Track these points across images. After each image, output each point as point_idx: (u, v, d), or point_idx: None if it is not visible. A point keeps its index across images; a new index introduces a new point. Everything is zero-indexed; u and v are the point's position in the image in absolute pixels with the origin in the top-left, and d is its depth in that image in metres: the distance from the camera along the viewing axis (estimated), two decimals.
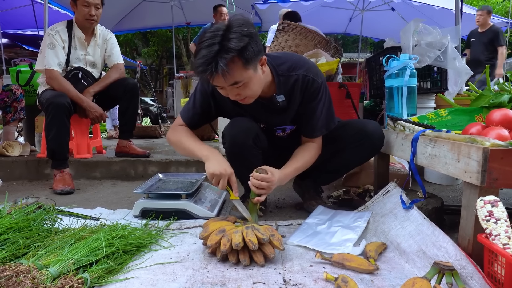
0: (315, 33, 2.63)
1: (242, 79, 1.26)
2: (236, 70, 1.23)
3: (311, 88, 1.47)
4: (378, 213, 1.50)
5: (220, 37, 1.21)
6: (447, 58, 2.06)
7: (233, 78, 1.24)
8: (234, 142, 1.50)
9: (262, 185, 1.35)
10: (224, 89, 1.32)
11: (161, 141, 4.14)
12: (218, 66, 1.19)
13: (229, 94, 1.33)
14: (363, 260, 1.14)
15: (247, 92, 1.32)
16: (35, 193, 2.14)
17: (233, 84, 1.27)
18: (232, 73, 1.23)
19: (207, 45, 1.21)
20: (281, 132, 1.63)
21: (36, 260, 1.04)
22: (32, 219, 1.30)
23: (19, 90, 2.93)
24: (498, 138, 1.06)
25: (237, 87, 1.29)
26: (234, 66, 1.22)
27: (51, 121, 2.18)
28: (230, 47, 1.19)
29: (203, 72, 1.23)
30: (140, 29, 9.62)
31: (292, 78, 1.46)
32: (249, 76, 1.28)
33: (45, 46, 2.39)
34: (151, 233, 1.39)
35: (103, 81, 2.51)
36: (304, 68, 1.47)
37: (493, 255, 0.92)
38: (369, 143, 1.59)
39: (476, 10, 5.70)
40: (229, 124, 1.53)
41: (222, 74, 1.21)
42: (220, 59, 1.19)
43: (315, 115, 1.51)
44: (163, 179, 1.95)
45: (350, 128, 1.61)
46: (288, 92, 1.47)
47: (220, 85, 1.30)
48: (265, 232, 1.17)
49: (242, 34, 1.22)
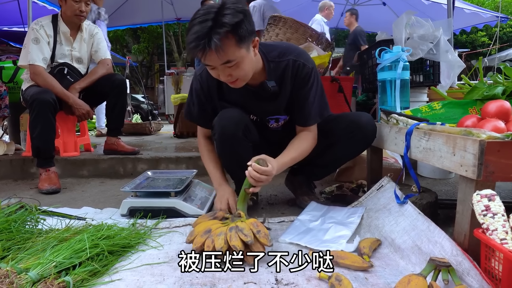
0: (306, 27, 2.59)
1: (234, 57, 1.23)
2: (230, 47, 1.20)
3: (301, 73, 1.45)
4: (371, 209, 1.47)
5: (214, 13, 1.18)
6: (440, 51, 2.03)
7: (226, 55, 1.21)
8: (224, 134, 1.45)
9: (261, 178, 1.30)
10: (215, 69, 1.28)
11: (151, 138, 4.08)
12: (212, 41, 1.16)
13: (221, 74, 1.29)
14: (357, 257, 1.11)
15: (239, 73, 1.28)
16: (20, 193, 2.07)
17: (226, 62, 1.23)
18: (225, 50, 1.19)
19: (200, 21, 1.18)
20: (275, 123, 1.58)
21: (15, 264, 0.99)
22: (13, 220, 1.25)
23: (3, 87, 2.84)
24: (494, 130, 1.04)
25: (229, 67, 1.25)
26: (228, 43, 1.19)
27: (35, 118, 2.11)
28: (224, 21, 1.17)
29: (195, 48, 1.19)
30: (130, 25, 9.47)
31: (283, 63, 1.44)
32: (241, 55, 1.25)
33: (29, 40, 2.31)
34: (138, 232, 1.34)
35: (89, 77, 2.45)
36: (294, 54, 1.46)
37: (490, 250, 0.90)
38: (361, 135, 1.56)
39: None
40: (218, 116, 1.48)
41: (215, 50, 1.17)
42: (213, 34, 1.16)
43: (308, 101, 1.48)
44: (152, 176, 1.90)
45: (342, 121, 1.58)
46: (279, 78, 1.45)
47: (212, 64, 1.25)
48: (249, 233, 1.11)
49: (237, 10, 1.20)
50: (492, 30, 12.83)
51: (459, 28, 7.77)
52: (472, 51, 13.24)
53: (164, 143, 3.50)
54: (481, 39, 14.78)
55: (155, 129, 4.71)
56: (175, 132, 3.94)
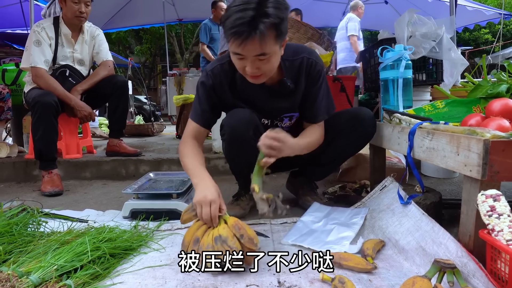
0: (307, 26, 2.58)
1: (269, 51, 1.23)
2: (270, 40, 1.20)
3: (314, 71, 1.48)
4: (375, 209, 1.46)
5: (256, 3, 1.18)
6: (442, 49, 2.01)
7: (266, 46, 1.20)
8: (234, 133, 1.45)
9: (274, 145, 1.24)
10: (245, 59, 1.26)
11: (153, 139, 4.08)
12: (258, 29, 1.16)
13: (249, 66, 1.26)
14: (361, 259, 1.10)
15: (267, 68, 1.28)
16: (23, 196, 2.08)
17: (261, 54, 1.23)
18: (266, 41, 1.19)
19: (243, 9, 1.17)
20: (288, 120, 1.59)
21: (16, 267, 0.99)
22: (15, 223, 1.25)
23: (5, 90, 2.85)
24: (499, 129, 1.02)
25: (261, 60, 1.25)
26: (270, 35, 1.19)
27: (37, 121, 2.11)
28: (269, 13, 1.17)
29: (238, 33, 1.17)
30: (132, 26, 9.48)
31: (297, 61, 1.47)
32: (275, 51, 1.26)
33: (30, 43, 2.31)
34: (140, 235, 1.33)
35: (91, 79, 2.45)
36: (306, 52, 1.49)
37: (496, 251, 0.88)
38: (362, 128, 1.58)
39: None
40: (228, 115, 1.48)
41: (259, 38, 1.17)
42: (260, 22, 1.16)
43: (318, 98, 1.51)
44: (154, 178, 1.90)
45: (343, 116, 1.61)
46: (294, 76, 1.48)
47: (246, 54, 1.23)
48: (233, 242, 1.05)
49: (280, 6, 1.21)
50: (495, 27, 12.74)
51: (462, 25, 7.72)
52: (475, 48, 13.16)
53: (166, 144, 3.50)
54: (484, 37, 14.69)
55: (158, 130, 4.71)
56: (178, 133, 3.94)
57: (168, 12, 7.36)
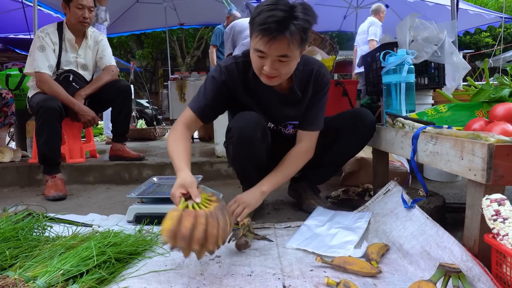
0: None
1: (292, 54, 1.27)
2: (295, 43, 1.24)
3: (321, 82, 1.52)
4: (378, 213, 1.46)
5: (285, 5, 1.22)
6: (444, 53, 2.02)
7: (291, 48, 1.24)
8: (243, 135, 1.45)
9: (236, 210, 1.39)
10: (264, 58, 1.28)
11: (156, 143, 4.09)
12: (288, 29, 1.19)
13: (268, 66, 1.28)
14: (365, 263, 1.10)
15: (285, 69, 1.31)
16: (27, 200, 2.08)
17: (284, 56, 1.26)
18: (293, 43, 1.23)
19: (275, 8, 1.21)
20: (292, 128, 1.61)
21: (23, 272, 0.99)
22: (20, 228, 1.25)
23: (9, 95, 2.86)
24: (503, 134, 1.02)
25: (281, 61, 1.28)
26: (296, 38, 1.23)
27: (41, 126, 2.12)
28: (300, 17, 1.22)
29: (269, 30, 1.20)
30: (134, 31, 9.53)
31: (307, 71, 1.50)
32: (296, 55, 1.29)
33: (34, 48, 2.33)
34: (145, 239, 1.34)
35: (94, 84, 2.46)
36: (317, 64, 1.53)
37: (502, 256, 0.88)
38: (362, 126, 1.62)
39: None
40: (235, 118, 1.49)
41: (288, 39, 1.20)
42: (290, 24, 1.20)
43: (318, 106, 1.54)
44: (158, 182, 1.90)
45: (343, 116, 1.66)
46: (303, 85, 1.51)
47: (271, 52, 1.25)
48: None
49: (309, 14, 1.26)
50: (496, 31, 12.76)
51: (463, 29, 7.74)
52: (476, 52, 13.17)
53: None
54: (485, 40, 14.70)
55: (160, 134, 4.72)
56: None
57: (170, 16, 7.41)
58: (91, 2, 2.40)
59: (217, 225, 1.02)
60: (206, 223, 1.01)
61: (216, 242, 1.03)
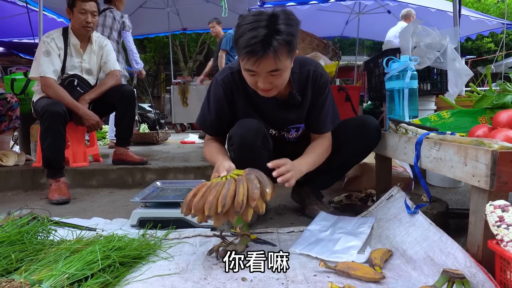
0: (312, 37, 2.61)
1: (282, 66, 1.27)
2: (283, 55, 1.24)
3: (320, 82, 1.52)
4: (382, 219, 1.47)
5: (266, 21, 1.21)
6: (447, 59, 2.03)
7: (279, 62, 1.25)
8: (244, 142, 1.46)
9: (286, 174, 1.34)
10: (256, 76, 1.30)
11: (159, 147, 4.11)
12: (272, 46, 1.19)
13: (261, 82, 1.30)
14: (369, 268, 1.10)
15: (279, 81, 1.32)
16: (31, 204, 2.09)
17: (274, 70, 1.26)
18: (280, 57, 1.23)
19: (256, 27, 1.21)
20: (295, 132, 1.62)
21: (28, 275, 1.00)
22: (25, 232, 1.26)
23: (14, 99, 2.89)
24: (507, 140, 1.03)
25: (273, 75, 1.29)
26: (283, 51, 1.23)
27: (46, 130, 2.14)
28: (281, 30, 1.21)
29: (253, 52, 1.20)
30: (137, 36, 9.58)
31: (304, 74, 1.51)
32: (286, 66, 1.30)
33: (40, 53, 2.36)
34: (149, 243, 1.34)
35: (99, 88, 2.48)
36: (313, 65, 1.53)
37: (506, 262, 0.88)
38: (367, 136, 1.62)
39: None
40: (236, 126, 1.50)
41: (273, 56, 1.21)
42: (273, 40, 1.20)
43: (324, 109, 1.54)
44: (161, 187, 1.91)
45: (348, 124, 1.65)
46: (302, 88, 1.51)
47: (260, 70, 1.27)
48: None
49: (290, 22, 1.24)
50: (497, 37, 12.78)
51: (465, 35, 7.76)
52: (478, 57, 13.19)
53: (171, 152, 3.52)
54: (487, 46, 14.72)
55: (162, 138, 4.74)
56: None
57: (173, 21, 7.46)
58: (94, 6, 2.42)
59: (204, 195, 1.19)
60: (206, 190, 1.20)
61: (224, 205, 1.14)
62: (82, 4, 2.36)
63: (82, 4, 2.36)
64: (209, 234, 1.47)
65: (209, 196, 1.18)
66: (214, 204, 1.15)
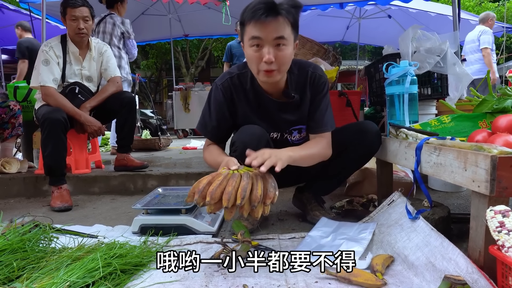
0: (313, 42, 2.62)
1: (287, 36, 1.34)
2: (287, 24, 1.33)
3: (318, 82, 1.55)
4: (383, 224, 1.46)
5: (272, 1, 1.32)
6: (447, 64, 2.03)
7: (285, 29, 1.33)
8: (247, 148, 1.46)
9: (266, 157, 1.27)
10: (262, 46, 1.34)
11: (160, 154, 4.11)
12: (278, 11, 1.30)
13: (266, 52, 1.34)
14: (370, 274, 1.10)
15: (282, 59, 1.36)
16: (33, 211, 2.10)
17: (279, 38, 1.32)
18: (285, 24, 1.32)
19: (261, 1, 1.31)
20: (298, 134, 1.63)
21: (30, 283, 1.00)
22: (27, 239, 1.26)
23: (17, 106, 2.91)
24: (506, 145, 1.03)
25: (278, 46, 1.34)
26: (287, 20, 1.33)
27: (47, 137, 2.15)
28: (286, 5, 1.33)
29: (261, 11, 1.29)
30: (139, 42, 9.64)
31: (302, 75, 1.54)
32: (290, 42, 1.37)
33: (39, 62, 2.36)
34: (150, 250, 1.34)
35: (99, 96, 2.49)
36: (311, 67, 1.56)
37: (507, 268, 0.88)
38: (367, 141, 1.62)
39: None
40: (239, 132, 1.51)
41: (280, 20, 1.30)
42: (280, 9, 1.31)
43: (320, 108, 1.56)
44: (163, 193, 1.91)
45: (348, 129, 1.66)
46: (300, 88, 1.54)
47: (266, 35, 1.32)
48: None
49: (296, 5, 1.38)
50: (498, 40, 12.77)
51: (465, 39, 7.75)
52: None
53: (173, 159, 3.53)
54: None
55: (164, 144, 4.75)
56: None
57: (174, 28, 7.51)
58: (85, 12, 2.38)
59: (222, 184, 1.17)
60: (223, 180, 1.18)
61: (226, 198, 1.14)
62: (72, 11, 2.35)
63: (72, 11, 2.35)
64: (210, 241, 1.47)
65: (227, 186, 1.15)
66: (233, 195, 1.14)
